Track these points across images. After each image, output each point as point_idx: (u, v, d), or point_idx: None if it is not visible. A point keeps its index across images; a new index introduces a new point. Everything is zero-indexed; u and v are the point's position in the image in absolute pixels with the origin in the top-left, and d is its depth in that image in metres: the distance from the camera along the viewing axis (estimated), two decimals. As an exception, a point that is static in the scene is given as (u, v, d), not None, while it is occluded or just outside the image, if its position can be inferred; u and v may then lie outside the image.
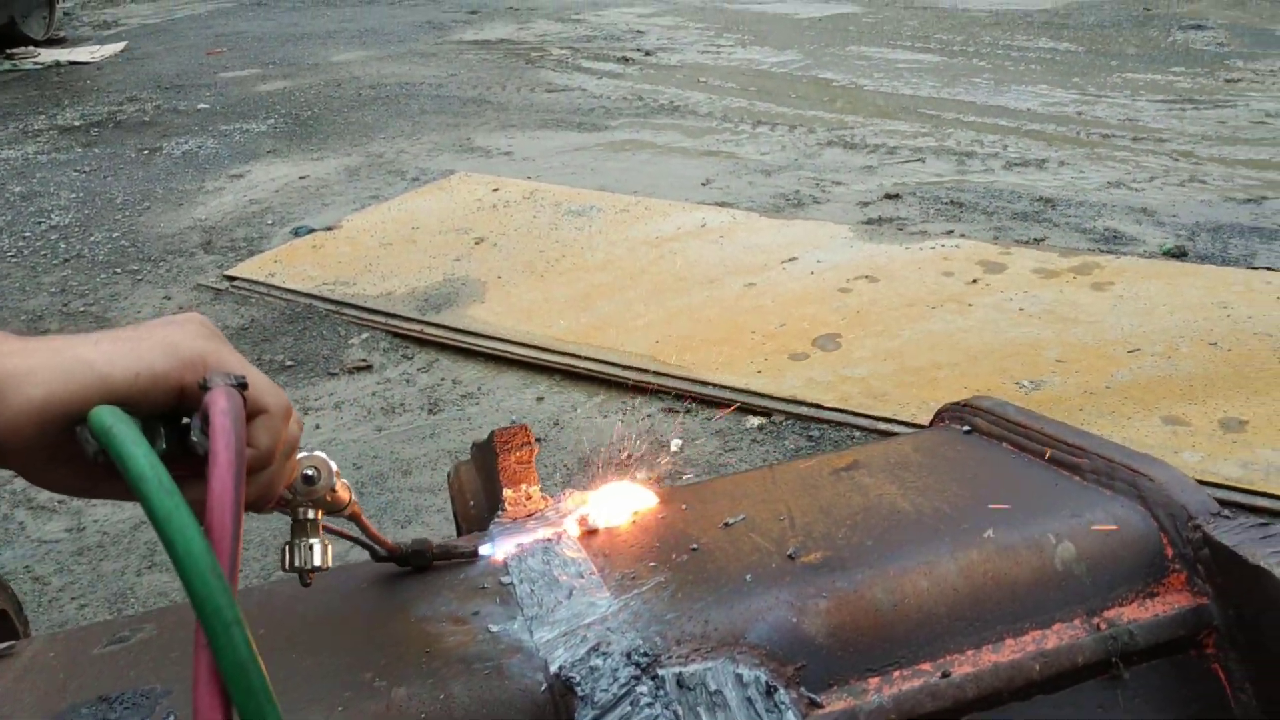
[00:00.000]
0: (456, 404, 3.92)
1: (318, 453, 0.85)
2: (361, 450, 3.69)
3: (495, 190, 5.85)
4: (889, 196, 5.64)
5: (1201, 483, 3.01)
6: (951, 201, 5.51)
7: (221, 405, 0.66)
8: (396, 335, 4.43)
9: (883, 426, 3.48)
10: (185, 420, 0.72)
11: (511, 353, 4.15)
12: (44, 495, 3.48)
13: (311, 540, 0.84)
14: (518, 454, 1.13)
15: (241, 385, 0.69)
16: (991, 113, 7.21)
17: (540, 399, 3.91)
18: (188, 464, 0.67)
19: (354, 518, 0.95)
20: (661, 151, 6.74)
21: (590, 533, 1.07)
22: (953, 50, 9.21)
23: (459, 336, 4.29)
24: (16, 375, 0.66)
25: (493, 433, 1.14)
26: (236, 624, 0.57)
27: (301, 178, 6.53)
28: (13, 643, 1.01)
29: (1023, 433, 1.13)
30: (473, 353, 4.23)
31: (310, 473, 0.84)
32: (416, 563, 1.04)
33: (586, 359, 4.00)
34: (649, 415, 3.74)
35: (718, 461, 3.44)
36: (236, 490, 0.63)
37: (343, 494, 0.89)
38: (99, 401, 0.66)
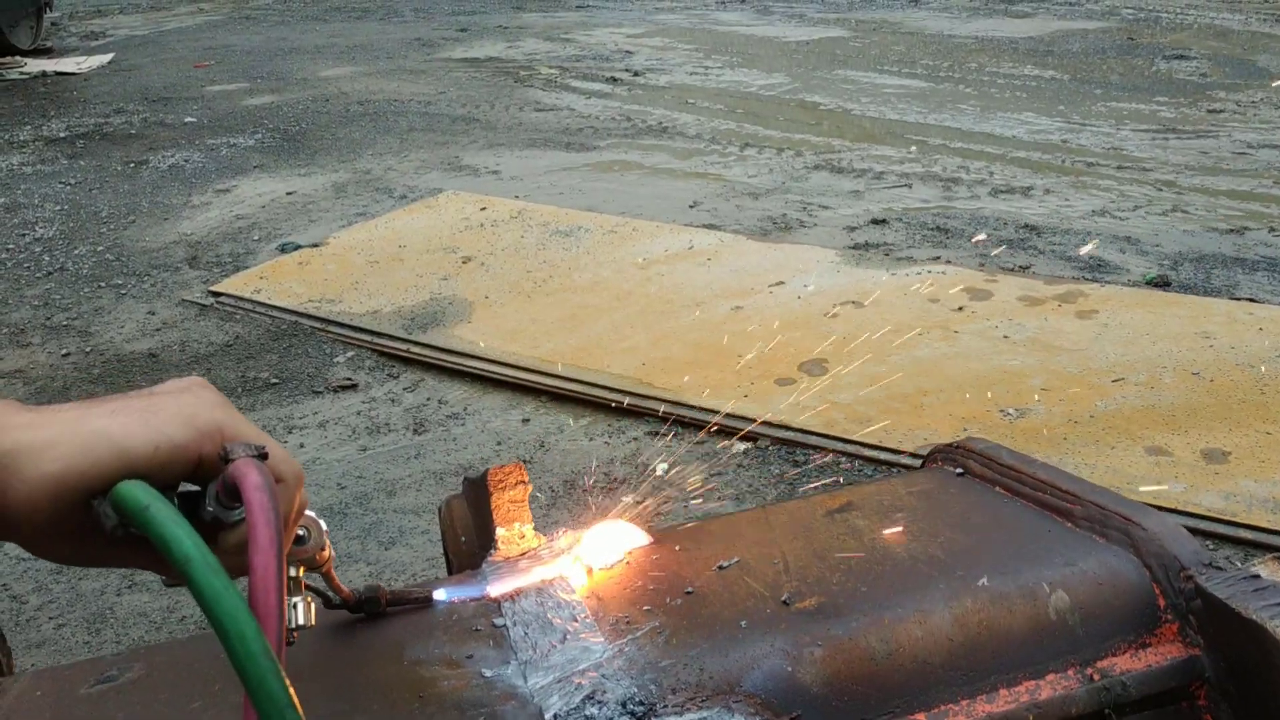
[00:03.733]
0: (442, 424, 3.91)
1: (308, 512, 0.85)
2: (346, 470, 3.67)
3: (483, 209, 5.85)
4: (876, 221, 5.67)
5: (1184, 514, 3.03)
6: (938, 228, 5.55)
7: (255, 480, 0.65)
8: (382, 354, 4.41)
9: (868, 453, 3.49)
10: (184, 487, 0.72)
11: (498, 373, 4.14)
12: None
13: (295, 599, 0.83)
14: (511, 493, 1.12)
15: (262, 455, 0.69)
16: (978, 139, 7.26)
17: (526, 420, 3.90)
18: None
19: (326, 574, 0.94)
20: (649, 173, 6.76)
21: (584, 574, 1.07)
22: (939, 76, 9.28)
23: (445, 356, 4.29)
24: (33, 449, 0.66)
25: (486, 471, 1.13)
26: (290, 708, 0.57)
27: (289, 193, 6.51)
28: (-2, 680, 1.00)
29: (1015, 477, 1.13)
30: (459, 373, 4.22)
31: (302, 533, 0.84)
32: (369, 610, 1.03)
33: (573, 381, 4.00)
34: (635, 438, 3.74)
35: (703, 486, 3.43)
36: (279, 567, 0.62)
37: (327, 550, 0.89)
38: (117, 475, 0.65)
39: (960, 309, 4.37)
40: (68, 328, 4.81)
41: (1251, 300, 4.50)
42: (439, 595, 1.06)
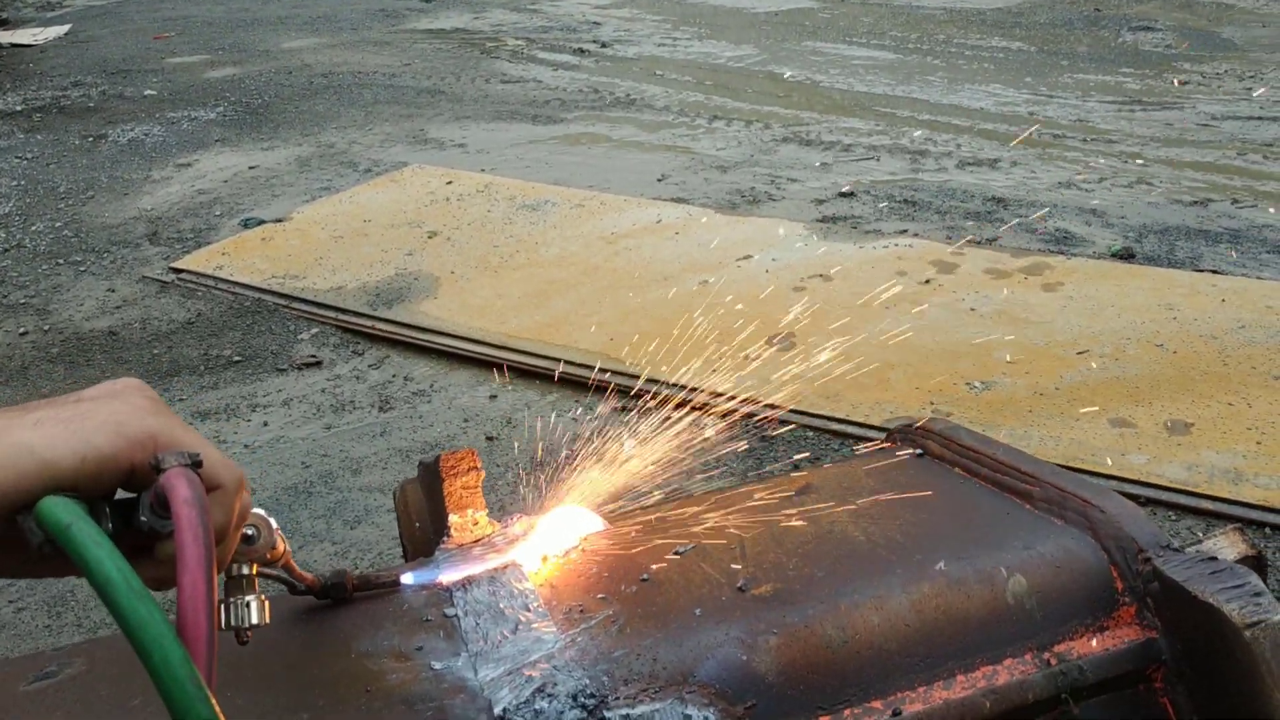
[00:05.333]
0: (408, 401, 3.87)
1: (257, 510, 0.82)
2: (310, 448, 3.63)
3: (449, 183, 5.79)
4: (844, 194, 5.66)
5: (1147, 485, 3.06)
6: (905, 200, 5.54)
7: (184, 494, 0.62)
8: (347, 331, 4.36)
9: (835, 427, 3.50)
10: (121, 494, 0.69)
11: (464, 349, 4.11)
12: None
13: (248, 597, 0.80)
14: (464, 479, 1.10)
15: (196, 463, 0.66)
16: (945, 111, 7.25)
17: (493, 397, 3.87)
18: (132, 541, 0.64)
19: (285, 566, 0.92)
20: (617, 145, 6.71)
21: (539, 561, 1.05)
22: (907, 48, 9.25)
23: (411, 333, 4.24)
24: None
25: (438, 456, 1.11)
26: None
27: (251, 168, 6.41)
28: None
29: (974, 458, 1.12)
30: (425, 349, 4.18)
31: (250, 532, 0.81)
32: (335, 595, 1.01)
33: (540, 356, 3.97)
34: (602, 414, 3.72)
35: (669, 461, 3.42)
36: (208, 586, 0.60)
37: (279, 546, 0.86)
38: (42, 489, 0.63)
39: (927, 281, 4.38)
40: (25, 306, 4.72)
41: (1215, 272, 4.53)
42: (406, 579, 1.04)
